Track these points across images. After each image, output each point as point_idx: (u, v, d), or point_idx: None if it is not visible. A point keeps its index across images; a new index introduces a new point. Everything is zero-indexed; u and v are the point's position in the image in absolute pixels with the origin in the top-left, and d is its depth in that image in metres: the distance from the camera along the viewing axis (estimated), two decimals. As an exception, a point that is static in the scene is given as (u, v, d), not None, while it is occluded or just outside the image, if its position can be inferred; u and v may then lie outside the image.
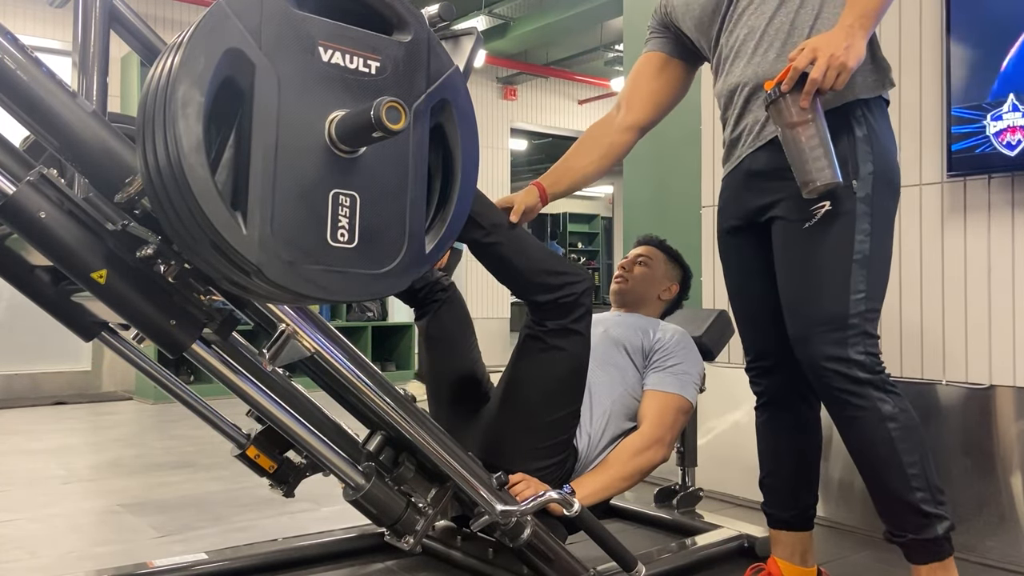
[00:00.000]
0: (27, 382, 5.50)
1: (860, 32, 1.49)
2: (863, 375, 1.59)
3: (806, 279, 1.64)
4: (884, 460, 1.61)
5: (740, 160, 1.75)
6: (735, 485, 2.78)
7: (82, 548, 2.31)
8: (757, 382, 1.88)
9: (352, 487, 1.55)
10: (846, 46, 1.47)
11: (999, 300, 2.21)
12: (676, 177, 3.27)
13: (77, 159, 1.20)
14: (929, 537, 1.60)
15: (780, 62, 1.65)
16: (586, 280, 1.87)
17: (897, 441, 1.59)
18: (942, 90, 2.28)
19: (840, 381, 1.60)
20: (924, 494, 1.59)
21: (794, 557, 1.86)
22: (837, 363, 1.59)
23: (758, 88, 1.69)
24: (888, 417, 1.59)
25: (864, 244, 1.60)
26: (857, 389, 1.59)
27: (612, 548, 1.79)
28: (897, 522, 1.64)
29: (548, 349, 1.86)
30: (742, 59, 1.72)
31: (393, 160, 1.15)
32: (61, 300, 1.38)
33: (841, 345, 1.59)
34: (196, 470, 3.30)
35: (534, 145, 11.92)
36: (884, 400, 1.59)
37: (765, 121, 1.68)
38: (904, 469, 1.59)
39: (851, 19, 1.51)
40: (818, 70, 1.46)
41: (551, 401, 1.88)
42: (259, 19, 1.04)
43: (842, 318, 1.59)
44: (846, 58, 1.46)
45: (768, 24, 1.69)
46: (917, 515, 1.60)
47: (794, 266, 1.66)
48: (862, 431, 1.61)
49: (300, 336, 1.42)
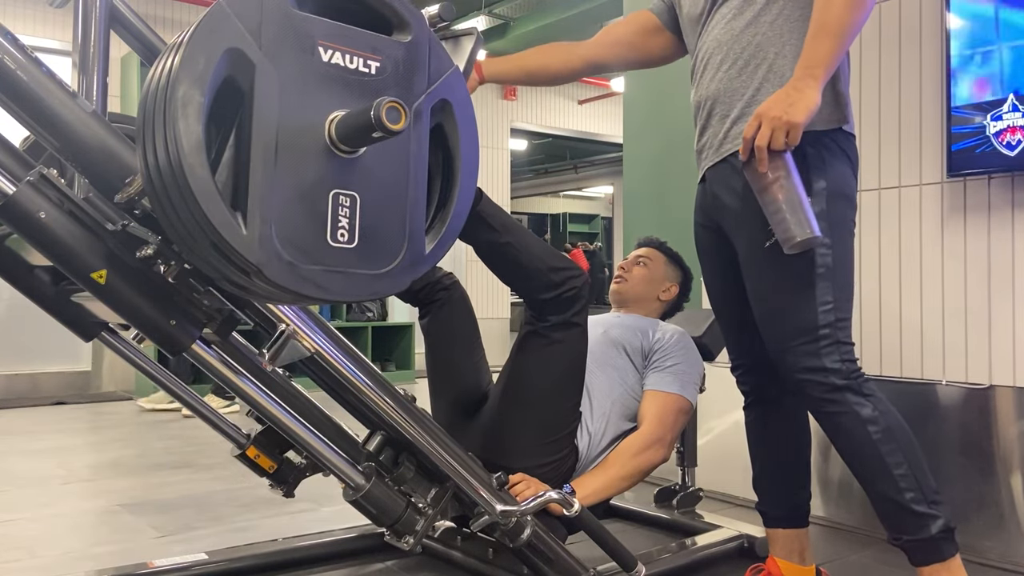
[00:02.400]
0: (27, 382, 5.50)
1: (810, 82, 1.51)
2: (839, 381, 1.61)
3: (774, 296, 1.66)
4: (870, 463, 1.62)
5: (703, 172, 1.79)
6: (735, 485, 2.78)
7: (82, 548, 2.32)
8: (743, 380, 1.90)
9: (352, 487, 1.55)
10: (789, 104, 1.49)
11: (999, 300, 2.21)
12: (676, 177, 3.27)
13: (77, 159, 1.20)
14: (923, 537, 1.60)
15: (740, 81, 1.67)
16: (583, 273, 1.91)
17: (879, 443, 1.60)
18: (942, 90, 2.28)
19: (818, 390, 1.62)
20: (914, 494, 1.60)
21: (792, 555, 1.87)
22: (813, 373, 1.62)
23: (717, 103, 1.71)
24: (868, 420, 1.60)
25: (826, 257, 1.61)
26: (835, 396, 1.61)
27: (612, 548, 1.79)
28: (892, 524, 1.64)
29: (551, 344, 1.87)
30: (708, 73, 1.74)
31: (393, 160, 1.15)
32: (61, 300, 1.37)
33: (815, 356, 1.61)
34: (196, 470, 3.30)
35: (534, 145, 11.92)
36: (863, 404, 1.61)
37: (723, 137, 1.71)
38: (890, 471, 1.60)
39: (800, 72, 1.53)
40: (762, 137, 1.49)
41: (553, 395, 1.89)
42: (259, 19, 1.04)
43: (813, 330, 1.61)
44: (790, 116, 1.48)
45: (734, 40, 1.69)
46: (909, 515, 1.60)
47: (761, 284, 1.68)
48: (847, 436, 1.63)
49: (300, 336, 1.42)
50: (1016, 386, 2.19)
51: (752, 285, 1.71)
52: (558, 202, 16.20)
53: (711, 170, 1.75)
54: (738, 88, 1.68)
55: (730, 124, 1.69)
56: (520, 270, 1.87)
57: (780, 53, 1.65)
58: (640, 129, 3.57)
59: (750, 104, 1.66)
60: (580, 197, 16.57)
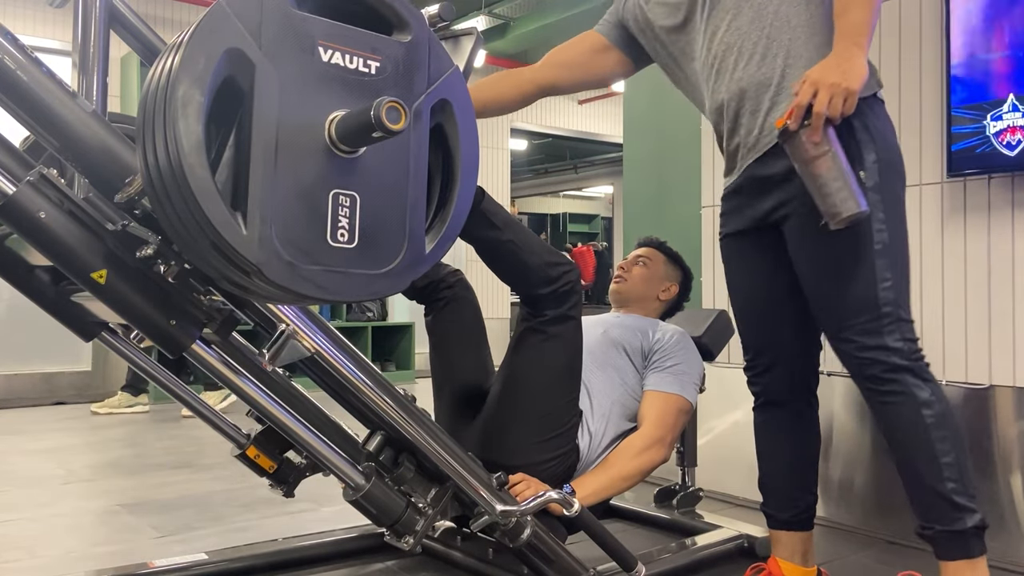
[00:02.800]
0: (27, 382, 5.50)
1: (856, 51, 1.50)
2: (901, 361, 1.59)
3: (833, 276, 1.64)
4: (917, 447, 1.60)
5: (743, 170, 1.76)
6: (735, 485, 2.78)
7: (82, 548, 2.32)
8: (755, 381, 1.89)
9: (352, 487, 1.55)
10: (843, 71, 1.47)
11: (999, 300, 2.21)
12: (676, 177, 3.27)
13: (77, 159, 1.20)
14: (957, 530, 1.58)
15: (762, 73, 1.67)
16: (576, 267, 1.94)
17: (932, 428, 1.59)
18: (942, 90, 2.28)
19: (878, 368, 1.60)
20: (956, 484, 1.58)
21: (795, 557, 1.86)
22: (875, 351, 1.60)
23: (744, 100, 1.70)
24: (924, 403, 1.59)
25: (882, 233, 1.60)
26: (894, 376, 1.59)
27: (612, 548, 1.79)
28: (926, 513, 1.62)
29: (548, 339, 1.89)
30: (725, 75, 1.74)
31: (393, 160, 1.15)
32: (61, 300, 1.37)
33: (877, 334, 1.59)
34: (196, 470, 3.30)
35: (534, 145, 11.92)
36: (921, 387, 1.60)
37: (759, 132, 1.70)
38: (937, 457, 1.58)
39: (843, 43, 1.52)
40: (821, 103, 1.46)
41: (552, 389, 1.90)
42: (259, 19, 1.04)
43: (874, 308, 1.60)
44: (848, 82, 1.46)
45: (744, 38, 1.70)
46: (947, 505, 1.59)
47: (817, 265, 1.67)
48: (898, 417, 1.61)
49: (300, 336, 1.42)
50: (1016, 386, 2.19)
51: (806, 268, 1.69)
52: (558, 202, 16.19)
53: (754, 164, 1.72)
54: (762, 80, 1.67)
55: (763, 117, 1.68)
56: (521, 267, 1.89)
57: (794, 37, 1.65)
58: (640, 129, 3.57)
59: (778, 92, 1.66)
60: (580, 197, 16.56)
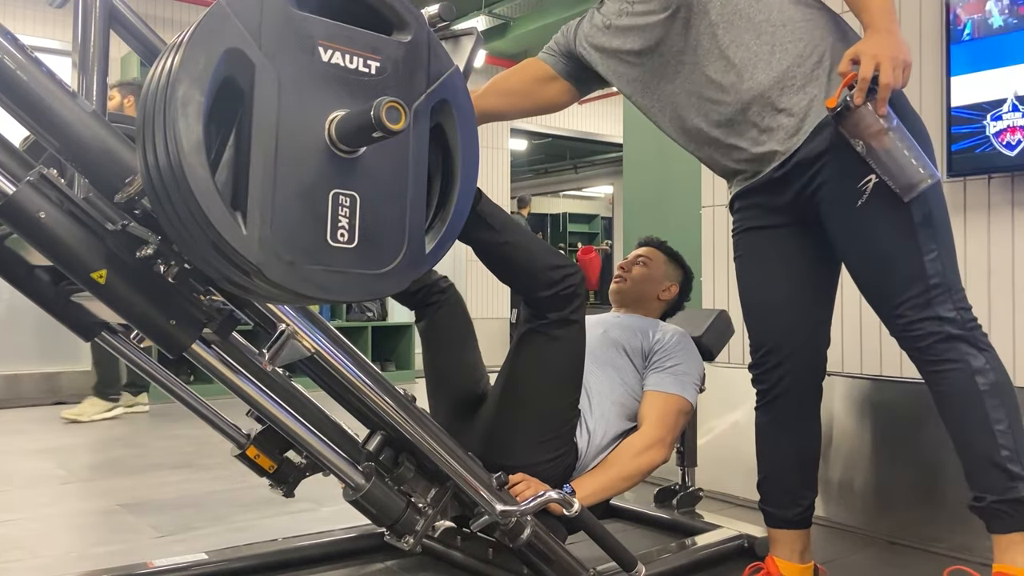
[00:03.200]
0: (27, 382, 5.50)
1: (895, 27, 1.52)
2: (955, 331, 1.59)
3: (877, 254, 1.64)
4: (971, 415, 1.59)
5: (788, 156, 1.70)
6: (735, 485, 2.78)
7: (82, 548, 2.32)
8: (761, 379, 1.88)
9: (352, 487, 1.55)
10: (896, 43, 1.49)
11: (999, 300, 2.21)
12: (676, 177, 3.27)
13: (77, 159, 1.20)
14: (1011, 498, 1.56)
15: (770, 72, 1.66)
16: (579, 270, 1.92)
17: (986, 396, 1.58)
18: (942, 90, 2.28)
19: (932, 339, 1.60)
20: (1009, 453, 1.57)
21: (793, 555, 1.87)
22: (928, 323, 1.59)
23: (764, 106, 1.68)
24: (978, 371, 1.59)
25: (923, 205, 1.60)
26: (947, 344, 1.59)
27: (612, 548, 1.79)
28: (979, 483, 1.61)
29: (550, 341, 1.88)
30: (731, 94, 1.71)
31: (393, 160, 1.15)
32: (61, 300, 1.37)
33: (929, 306, 1.59)
34: (196, 470, 3.30)
35: (534, 145, 11.93)
36: (975, 356, 1.59)
37: (796, 128, 1.67)
38: (991, 425, 1.57)
39: (879, 21, 1.52)
40: (887, 75, 1.46)
41: (553, 392, 1.90)
42: (259, 19, 1.04)
43: (923, 279, 1.59)
44: (904, 55, 1.48)
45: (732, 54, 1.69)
46: (1001, 474, 1.57)
47: (859, 245, 1.66)
48: (952, 386, 1.61)
49: (300, 336, 1.42)
50: (1016, 386, 2.19)
51: (850, 249, 1.68)
52: (558, 202, 16.21)
53: (802, 148, 1.67)
54: (773, 85, 1.68)
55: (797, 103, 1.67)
56: (519, 269, 1.88)
57: (794, 39, 1.67)
58: (640, 129, 3.57)
59: (802, 88, 1.66)
60: (580, 197, 16.58)
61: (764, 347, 1.86)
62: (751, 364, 1.90)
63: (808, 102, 1.66)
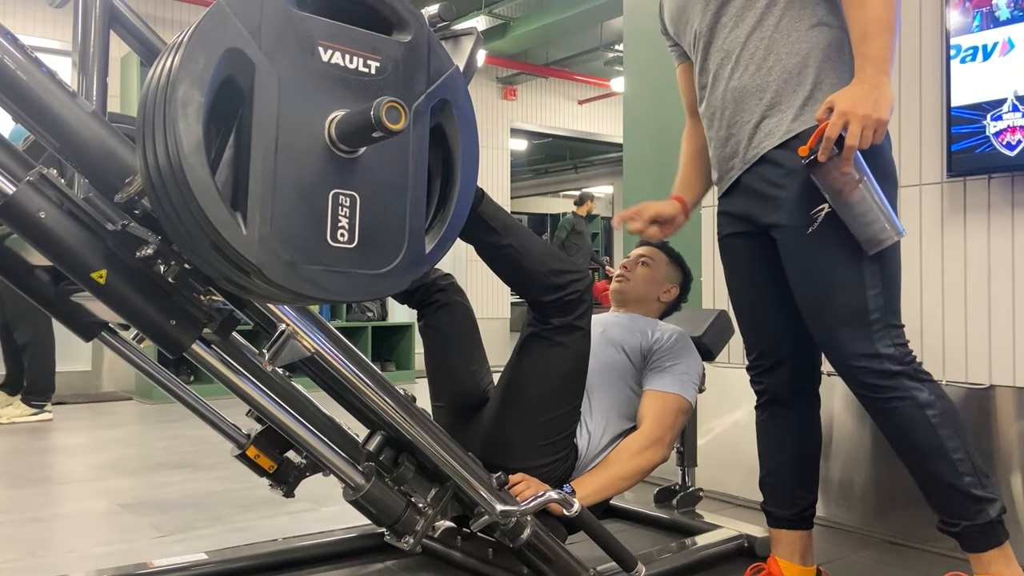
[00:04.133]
0: (26, 382, 5.49)
1: (883, 79, 1.49)
2: (894, 367, 1.59)
3: (821, 283, 1.64)
4: (928, 448, 1.60)
5: (735, 179, 1.76)
6: (735, 485, 2.78)
7: (82, 548, 2.31)
8: (758, 381, 1.89)
9: (352, 487, 1.55)
10: (874, 100, 1.46)
11: (999, 300, 2.21)
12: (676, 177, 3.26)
13: (77, 159, 1.20)
14: (983, 522, 1.59)
15: (764, 69, 1.67)
16: (587, 276, 1.91)
17: (938, 427, 1.58)
18: (942, 90, 2.28)
19: (873, 376, 1.60)
20: (972, 478, 1.58)
21: (794, 556, 1.87)
22: (867, 359, 1.59)
23: (743, 98, 1.70)
24: (926, 404, 1.59)
25: None
26: (890, 383, 1.59)
27: (612, 548, 1.79)
28: (949, 510, 1.62)
29: (553, 346, 1.87)
30: (720, 82, 1.74)
31: (393, 160, 1.15)
32: (61, 300, 1.37)
33: (867, 341, 1.59)
34: (196, 470, 3.30)
35: (534, 145, 11.94)
36: (919, 388, 1.60)
37: (748, 142, 1.70)
38: (949, 455, 1.58)
39: (869, 69, 1.50)
40: (853, 136, 1.45)
41: (554, 397, 1.89)
42: (259, 19, 1.04)
43: (863, 315, 1.59)
44: (880, 113, 1.45)
45: (743, 48, 1.70)
46: (968, 500, 1.59)
47: (806, 272, 1.66)
48: (902, 422, 1.61)
49: (300, 336, 1.42)
50: (1016, 386, 2.19)
51: (796, 274, 1.69)
52: (558, 202, 16.20)
53: (745, 174, 1.72)
54: (754, 90, 1.68)
55: (758, 120, 1.68)
56: (521, 272, 1.87)
57: (791, 52, 1.65)
58: (640, 129, 3.57)
59: (771, 106, 1.66)
60: (580, 197, 16.55)
61: (757, 350, 1.87)
62: (747, 366, 1.91)
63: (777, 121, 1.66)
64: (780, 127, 1.66)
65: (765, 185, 1.69)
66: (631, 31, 3.51)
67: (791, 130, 1.64)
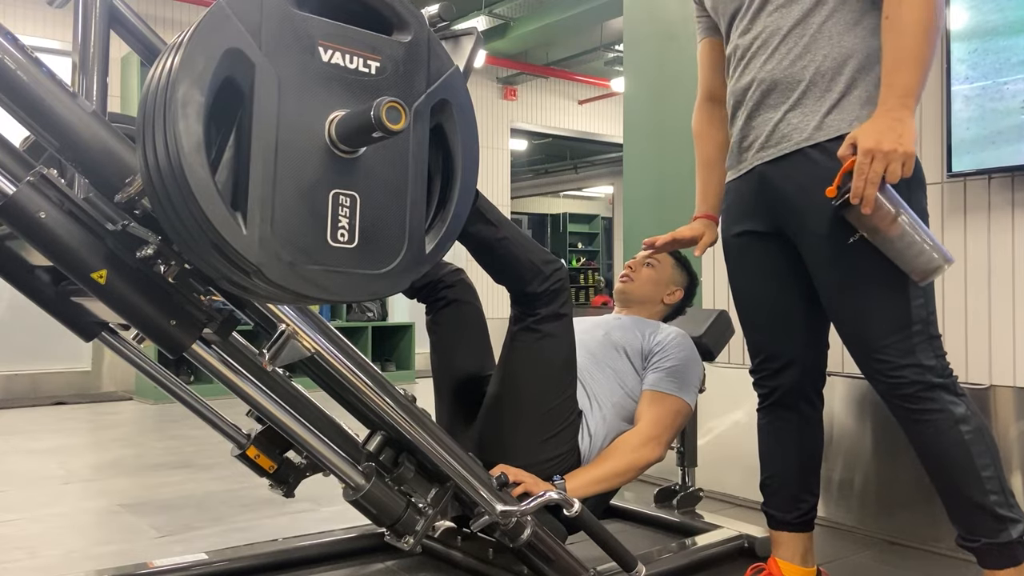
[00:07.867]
0: (27, 382, 5.50)
1: (906, 112, 1.47)
2: (935, 379, 1.58)
3: (864, 293, 1.61)
4: (958, 463, 1.59)
5: (752, 167, 1.72)
6: (735, 485, 2.78)
7: (82, 548, 2.32)
8: (763, 384, 1.87)
9: (352, 487, 1.55)
10: (898, 135, 1.44)
11: (999, 300, 2.21)
12: (676, 177, 3.26)
13: (77, 159, 1.20)
14: (1004, 541, 1.58)
15: (799, 64, 1.63)
16: (563, 264, 1.96)
17: (971, 444, 1.58)
18: (942, 90, 2.28)
19: (913, 388, 1.58)
20: (998, 497, 1.58)
21: (795, 558, 1.86)
22: (910, 370, 1.58)
23: (772, 88, 1.66)
24: (961, 419, 1.58)
25: None
26: (930, 394, 1.58)
27: (612, 548, 1.79)
28: (970, 527, 1.61)
29: (543, 337, 1.89)
30: (760, 57, 1.69)
31: (393, 160, 1.15)
32: (61, 300, 1.38)
33: (911, 353, 1.58)
34: (196, 470, 3.30)
35: (534, 145, 11.93)
36: (956, 403, 1.59)
37: (775, 128, 1.66)
38: (978, 472, 1.58)
39: (892, 101, 1.48)
40: (876, 175, 1.42)
41: (550, 387, 1.90)
42: (259, 19, 1.04)
43: (907, 326, 1.58)
44: (905, 147, 1.44)
45: (788, 33, 1.65)
46: (992, 519, 1.58)
47: (846, 282, 1.63)
48: (936, 435, 1.60)
49: (300, 336, 1.42)
50: (1016, 386, 2.19)
51: (831, 285, 1.65)
52: (558, 202, 16.20)
53: (766, 166, 1.68)
54: (784, 84, 1.65)
55: (781, 114, 1.65)
56: (517, 264, 1.88)
57: (828, 55, 1.62)
58: (640, 129, 3.57)
59: (801, 97, 1.63)
60: (580, 197, 16.57)
61: (764, 353, 1.85)
62: (751, 369, 1.90)
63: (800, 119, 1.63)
64: (804, 127, 1.62)
65: (794, 186, 1.65)
66: (631, 31, 3.51)
67: (814, 137, 1.61)
